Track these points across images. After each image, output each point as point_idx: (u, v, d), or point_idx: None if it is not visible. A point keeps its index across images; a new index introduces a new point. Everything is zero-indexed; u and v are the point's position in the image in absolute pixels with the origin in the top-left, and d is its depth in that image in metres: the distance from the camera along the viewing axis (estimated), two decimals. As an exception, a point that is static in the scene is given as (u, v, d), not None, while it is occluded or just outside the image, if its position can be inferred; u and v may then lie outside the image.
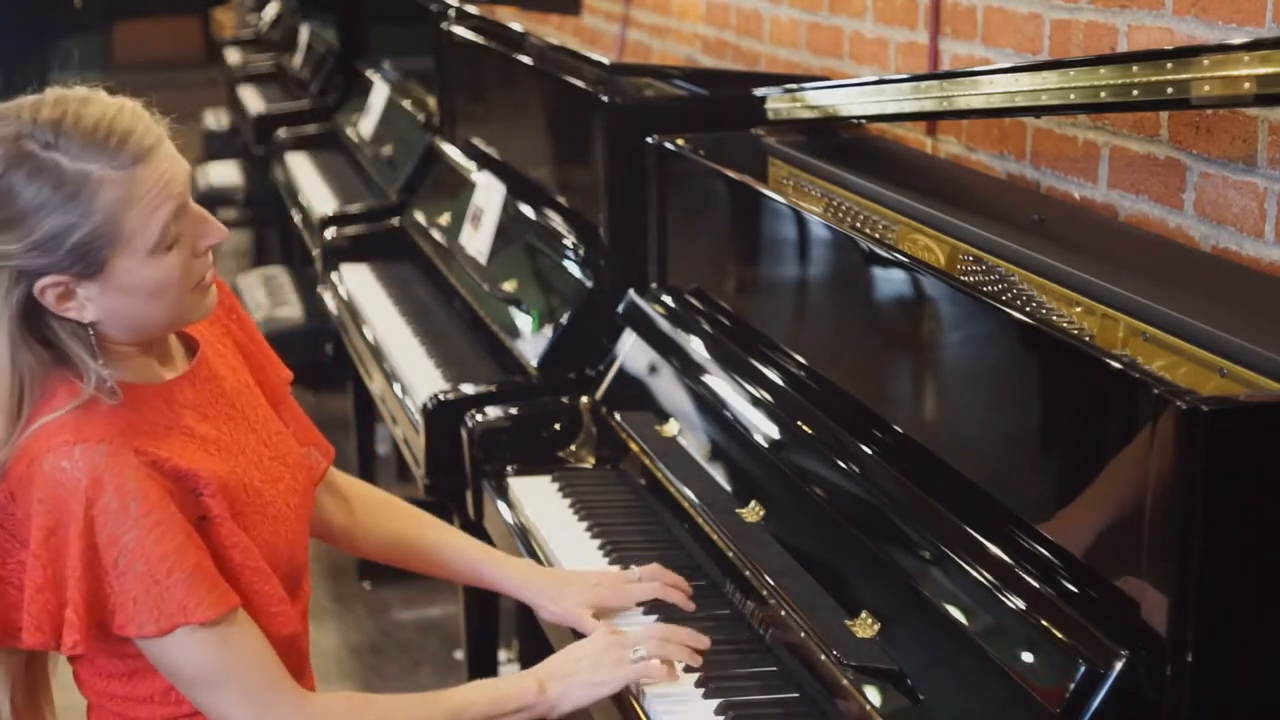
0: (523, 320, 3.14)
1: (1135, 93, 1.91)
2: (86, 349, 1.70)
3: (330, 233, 4.26)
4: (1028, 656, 1.65)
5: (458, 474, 2.86)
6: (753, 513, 2.21)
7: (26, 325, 1.68)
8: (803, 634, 1.93)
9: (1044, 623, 1.64)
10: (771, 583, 2.05)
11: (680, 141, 2.77)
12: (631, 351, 2.77)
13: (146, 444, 1.69)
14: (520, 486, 2.63)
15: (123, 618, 1.67)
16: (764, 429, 2.29)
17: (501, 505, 2.61)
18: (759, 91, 2.86)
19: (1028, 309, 2.01)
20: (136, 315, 1.72)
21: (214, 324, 1.91)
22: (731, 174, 2.57)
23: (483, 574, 2.14)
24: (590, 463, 2.73)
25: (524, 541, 2.46)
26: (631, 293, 2.83)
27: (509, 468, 2.70)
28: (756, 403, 2.33)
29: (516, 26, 3.87)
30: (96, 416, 1.68)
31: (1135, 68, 1.91)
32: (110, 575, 1.65)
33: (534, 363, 2.99)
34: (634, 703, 1.92)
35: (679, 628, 2.00)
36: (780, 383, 2.32)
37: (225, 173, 6.70)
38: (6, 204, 1.64)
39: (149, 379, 1.78)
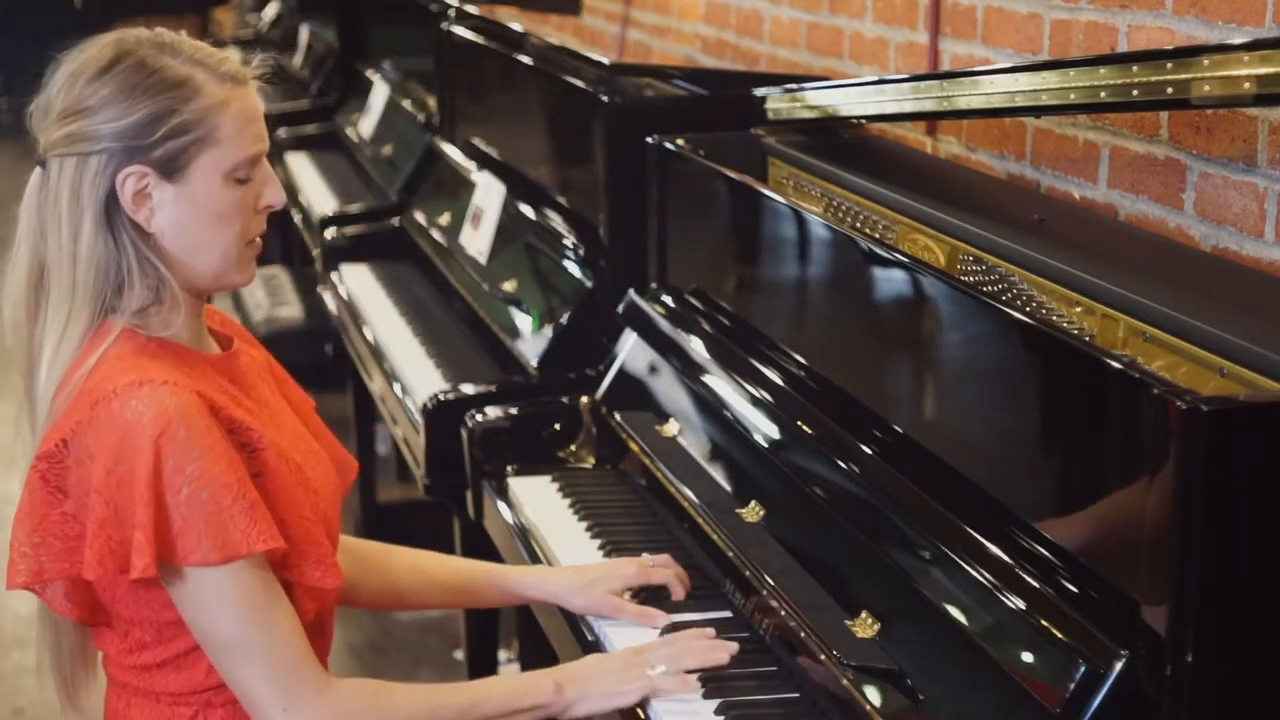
0: (523, 320, 3.14)
1: (1135, 93, 1.91)
2: (152, 255, 1.77)
3: (330, 233, 4.26)
4: (1028, 656, 1.65)
5: (458, 474, 2.86)
6: (753, 513, 2.21)
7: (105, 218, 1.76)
8: (803, 634, 1.93)
9: (1044, 623, 1.64)
10: (771, 583, 2.05)
11: (680, 141, 2.77)
12: (631, 351, 2.77)
13: (205, 391, 1.75)
14: (520, 486, 2.63)
15: (184, 547, 1.69)
16: (764, 429, 2.29)
17: (501, 505, 2.61)
18: (759, 91, 2.86)
19: (1028, 309, 2.01)
20: (196, 239, 1.78)
21: (241, 347, 1.94)
22: (731, 174, 2.57)
23: (501, 585, 2.14)
24: (590, 463, 2.73)
25: (524, 541, 2.46)
26: (631, 293, 2.83)
27: (509, 468, 2.70)
28: (756, 403, 2.33)
29: (516, 26, 3.87)
30: (157, 363, 1.74)
31: (1135, 68, 1.91)
32: (174, 505, 1.69)
33: (534, 363, 2.99)
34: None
35: (694, 637, 2.00)
36: (780, 383, 2.32)
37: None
38: (111, 85, 1.74)
39: (197, 348, 1.83)
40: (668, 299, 2.75)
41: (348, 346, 3.94)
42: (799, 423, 2.22)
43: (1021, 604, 1.68)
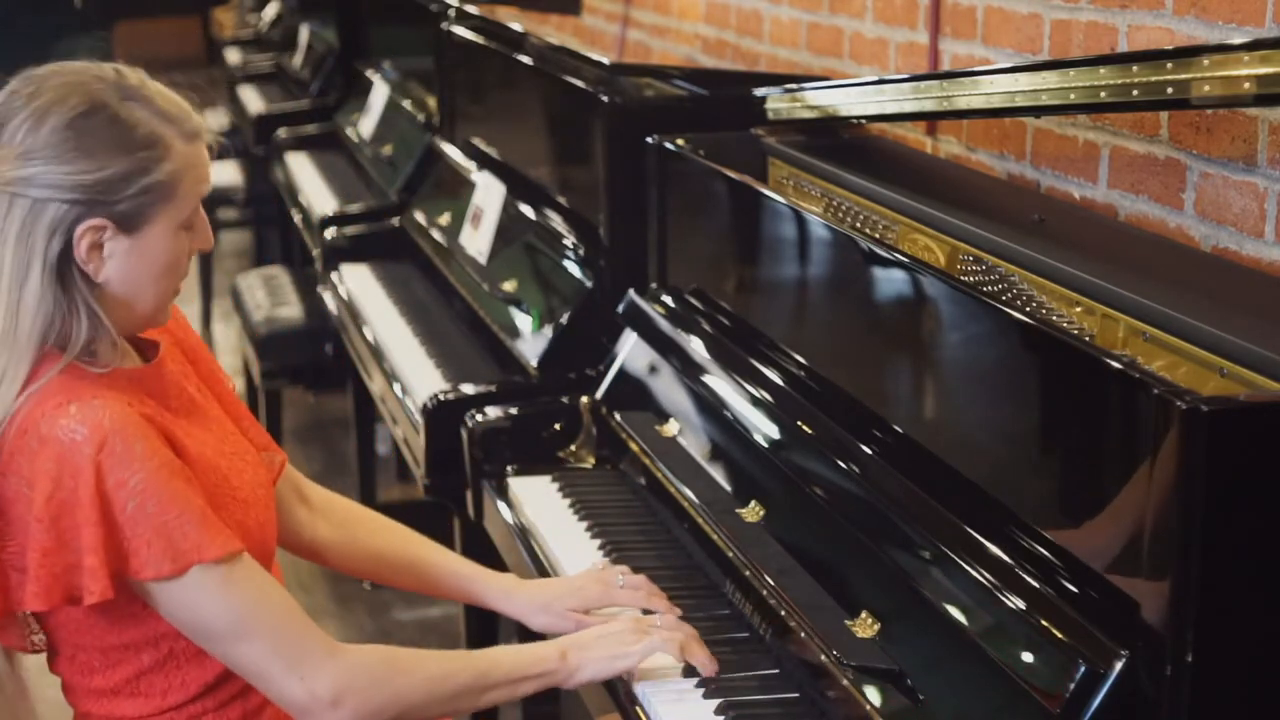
0: (523, 320, 3.14)
1: (1135, 93, 1.91)
2: (94, 302, 1.74)
3: (330, 233, 4.26)
4: (1028, 656, 1.65)
5: (458, 474, 2.86)
6: (753, 513, 2.21)
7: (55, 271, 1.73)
8: (803, 634, 1.93)
9: (1044, 623, 1.64)
10: (771, 583, 2.05)
11: (680, 141, 2.77)
12: (631, 351, 2.77)
13: (135, 403, 1.72)
14: (520, 486, 2.63)
15: (138, 562, 1.67)
16: (764, 429, 2.29)
17: (501, 505, 2.61)
18: (759, 91, 2.86)
19: (1028, 309, 2.01)
20: (140, 289, 1.76)
21: (163, 333, 1.92)
22: (731, 174, 2.57)
23: (467, 589, 2.14)
24: (590, 463, 2.73)
25: (524, 542, 2.46)
26: (631, 293, 2.83)
27: (509, 468, 2.70)
28: (756, 403, 2.33)
29: (516, 26, 3.87)
30: (85, 382, 1.71)
31: (1135, 68, 1.91)
32: (121, 520, 1.66)
33: (534, 363, 2.99)
34: (632, 700, 1.92)
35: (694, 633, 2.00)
36: (780, 383, 2.32)
37: (225, 173, 6.70)
38: (84, 138, 1.71)
39: (120, 364, 1.80)
40: (668, 299, 2.75)
41: (348, 346, 3.94)
42: (799, 423, 2.22)
43: (1021, 604, 1.68)
